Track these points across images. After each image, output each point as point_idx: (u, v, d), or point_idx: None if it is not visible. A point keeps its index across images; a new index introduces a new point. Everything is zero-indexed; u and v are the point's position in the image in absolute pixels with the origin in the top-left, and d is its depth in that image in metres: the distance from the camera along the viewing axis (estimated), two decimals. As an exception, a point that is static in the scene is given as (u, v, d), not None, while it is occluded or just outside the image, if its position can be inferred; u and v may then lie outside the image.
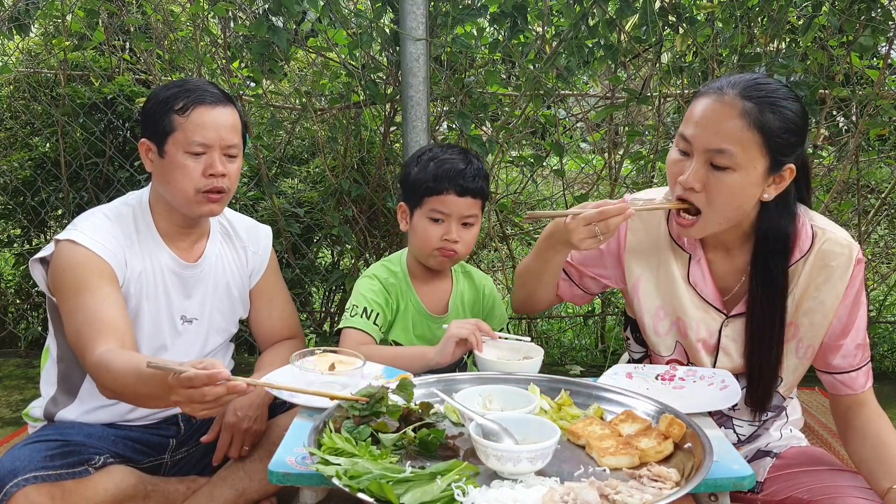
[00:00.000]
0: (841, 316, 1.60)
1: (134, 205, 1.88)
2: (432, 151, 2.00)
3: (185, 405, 1.34)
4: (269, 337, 2.09)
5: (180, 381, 1.31)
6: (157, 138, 1.79)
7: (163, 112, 1.77)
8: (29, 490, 1.53)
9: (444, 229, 1.94)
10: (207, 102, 1.77)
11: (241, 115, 1.86)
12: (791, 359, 1.65)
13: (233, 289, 1.99)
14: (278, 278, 2.12)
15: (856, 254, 1.58)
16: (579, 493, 1.14)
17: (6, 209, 3.69)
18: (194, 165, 1.76)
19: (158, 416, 1.92)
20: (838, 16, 2.70)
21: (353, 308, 1.98)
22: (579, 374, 3.44)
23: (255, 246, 2.04)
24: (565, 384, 1.61)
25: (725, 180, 1.48)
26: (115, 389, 1.56)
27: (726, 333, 1.67)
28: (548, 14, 2.90)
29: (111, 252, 1.75)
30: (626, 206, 1.56)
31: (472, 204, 1.95)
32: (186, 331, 1.91)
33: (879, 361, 3.61)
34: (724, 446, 1.36)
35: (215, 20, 3.22)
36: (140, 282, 1.82)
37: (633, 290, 1.75)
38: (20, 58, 3.73)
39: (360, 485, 1.14)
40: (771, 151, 1.47)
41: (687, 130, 1.52)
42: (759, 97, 1.46)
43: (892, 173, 3.59)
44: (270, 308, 2.07)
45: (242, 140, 1.86)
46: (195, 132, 1.75)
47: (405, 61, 2.72)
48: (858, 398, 1.64)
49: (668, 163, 1.59)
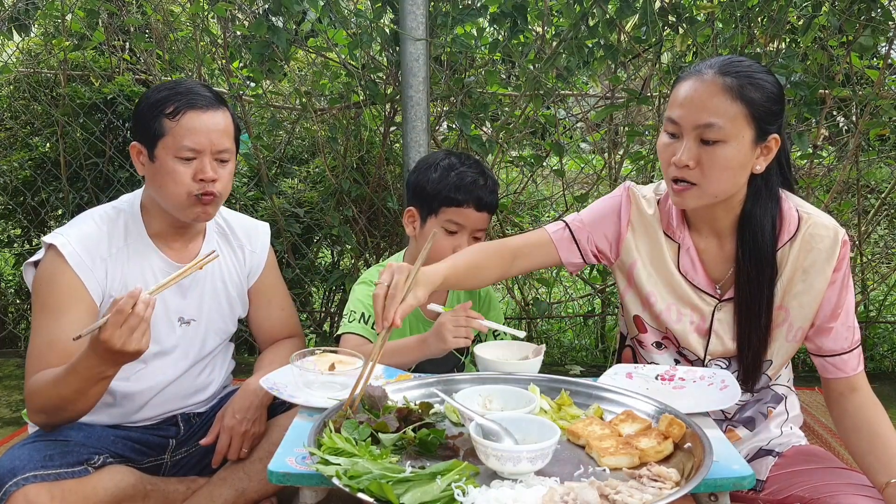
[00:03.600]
0: (830, 298, 1.64)
1: (125, 209, 1.87)
2: (449, 160, 2.00)
3: (130, 340, 1.48)
4: (268, 336, 2.09)
5: (114, 320, 1.47)
6: (147, 142, 1.77)
7: (154, 115, 1.75)
8: (28, 489, 1.53)
9: (456, 241, 1.96)
10: (199, 106, 1.75)
11: (234, 116, 1.85)
12: (781, 341, 1.69)
13: (230, 289, 1.99)
14: (277, 277, 2.11)
15: (841, 236, 1.62)
16: (579, 493, 1.14)
17: (6, 209, 3.69)
18: (184, 170, 1.75)
19: (158, 418, 1.92)
20: (838, 16, 2.70)
21: (351, 314, 1.99)
22: (579, 374, 3.44)
23: (252, 245, 2.03)
24: (565, 384, 1.61)
25: (717, 153, 1.54)
26: (45, 409, 1.65)
27: (718, 317, 1.71)
28: (548, 14, 2.91)
29: (89, 267, 1.75)
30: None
31: (486, 219, 1.99)
32: (185, 332, 1.90)
33: (879, 361, 3.61)
34: (724, 446, 1.36)
35: (215, 20, 3.22)
36: (128, 288, 1.78)
37: (628, 271, 1.79)
38: (20, 58, 3.73)
39: (360, 485, 1.14)
40: (755, 120, 1.53)
41: (674, 113, 1.58)
42: (737, 72, 1.54)
43: (892, 173, 3.59)
44: (270, 307, 2.07)
45: (235, 143, 1.84)
46: (185, 137, 1.73)
47: (405, 61, 2.72)
48: (850, 382, 1.66)
49: (659, 148, 1.63)
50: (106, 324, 1.48)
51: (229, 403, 1.84)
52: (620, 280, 1.83)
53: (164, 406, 1.92)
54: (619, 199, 1.79)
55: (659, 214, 1.76)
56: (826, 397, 1.73)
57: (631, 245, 1.78)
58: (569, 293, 3.90)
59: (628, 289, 1.81)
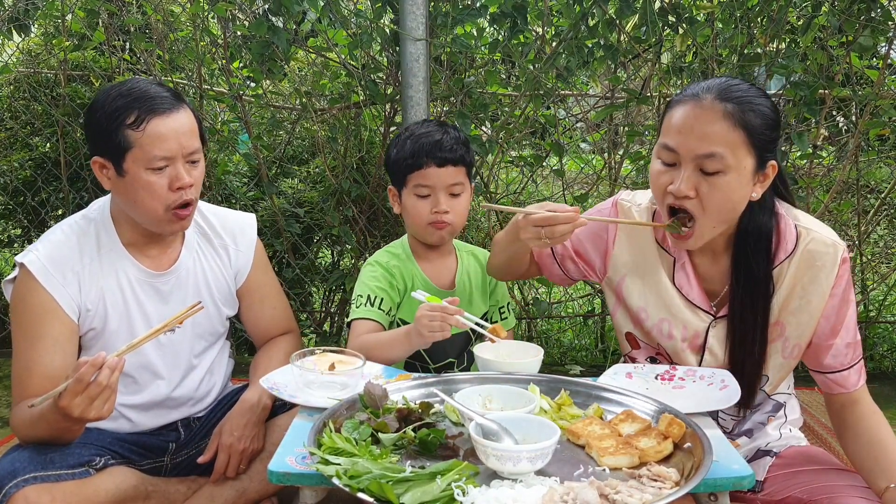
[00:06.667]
0: (829, 315, 1.61)
1: (95, 217, 1.80)
2: (409, 130, 2.01)
3: (90, 408, 1.44)
4: (263, 334, 2.05)
5: (73, 388, 1.42)
6: (112, 156, 1.67)
7: (114, 127, 1.64)
8: (28, 491, 1.52)
9: (432, 203, 1.95)
10: (162, 111, 1.65)
11: (194, 111, 1.75)
12: (777, 358, 1.66)
13: (215, 291, 1.92)
14: (267, 273, 2.04)
15: (841, 253, 1.59)
16: (579, 493, 1.14)
17: (6, 209, 3.69)
18: (159, 181, 1.67)
19: (158, 425, 1.90)
20: (838, 16, 2.70)
21: (358, 299, 1.97)
22: (579, 374, 3.44)
23: (237, 244, 1.96)
24: (565, 384, 1.61)
25: (718, 183, 1.49)
26: (29, 441, 1.64)
27: (713, 334, 1.68)
28: (548, 14, 2.90)
29: (60, 283, 1.71)
30: (575, 215, 1.57)
31: (454, 172, 1.95)
32: (170, 340, 1.85)
33: (879, 361, 3.61)
34: (724, 446, 1.36)
35: (215, 20, 3.22)
36: (105, 300, 1.77)
37: (616, 288, 1.76)
38: (20, 58, 3.73)
39: (360, 485, 1.15)
40: (756, 149, 1.49)
41: (670, 140, 1.52)
42: (736, 98, 1.48)
43: (892, 173, 3.59)
44: (262, 305, 2.01)
45: (201, 138, 1.76)
46: (155, 147, 1.64)
47: (405, 61, 2.72)
48: (851, 396, 1.65)
49: (653, 175, 1.58)
50: (65, 390, 1.43)
51: (227, 419, 1.80)
52: (609, 298, 1.81)
53: (165, 417, 1.90)
54: (607, 214, 1.76)
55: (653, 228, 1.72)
56: (828, 409, 1.71)
57: (618, 260, 1.75)
58: (568, 293, 3.89)
59: (618, 306, 1.79)
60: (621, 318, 1.80)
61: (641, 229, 1.73)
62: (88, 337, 1.79)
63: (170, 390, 1.88)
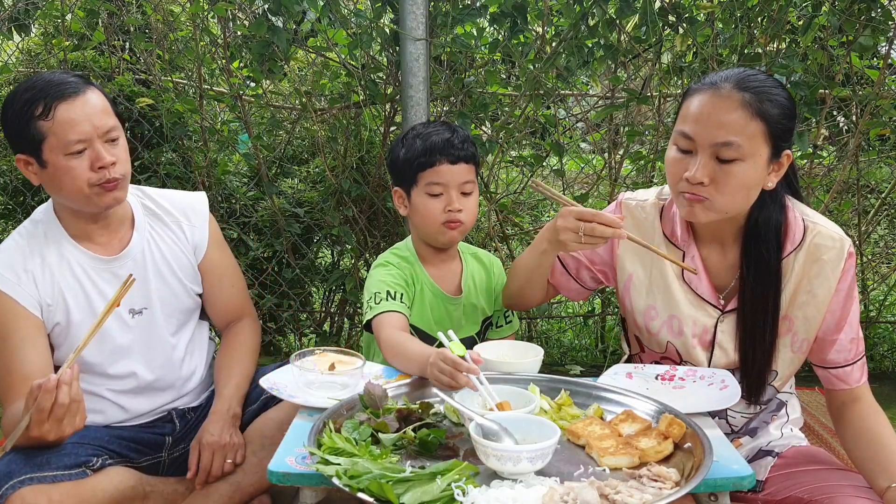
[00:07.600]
0: (834, 310, 1.62)
1: (41, 219, 1.84)
2: (415, 130, 2.00)
3: (62, 428, 1.48)
4: (222, 316, 2.05)
5: (37, 419, 1.46)
6: (31, 150, 1.69)
7: (25, 122, 1.66)
8: (25, 492, 1.52)
9: (445, 201, 1.93)
10: (67, 95, 1.66)
11: (104, 91, 1.76)
12: (786, 352, 1.67)
13: (176, 268, 1.93)
14: (224, 252, 2.04)
15: (847, 247, 1.60)
16: (579, 493, 1.14)
17: (6, 209, 3.68)
18: (80, 164, 1.68)
19: (152, 414, 1.92)
20: (838, 16, 2.70)
21: (376, 296, 1.91)
22: (579, 374, 3.44)
23: (190, 219, 1.96)
24: (565, 384, 1.61)
25: (734, 171, 1.50)
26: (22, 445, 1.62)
27: (722, 329, 1.68)
28: (548, 14, 2.90)
29: (16, 283, 1.74)
30: (619, 223, 1.57)
31: (466, 170, 1.94)
32: (139, 323, 1.87)
33: (879, 361, 3.61)
34: (724, 446, 1.36)
35: (215, 20, 3.22)
36: (64, 293, 1.79)
37: (623, 288, 1.77)
38: (20, 58, 3.73)
39: (360, 485, 1.15)
40: (772, 138, 1.50)
41: (687, 128, 1.53)
42: (754, 87, 1.50)
43: (892, 173, 3.59)
44: (221, 286, 2.01)
45: (118, 117, 1.76)
46: (68, 132, 1.65)
47: (405, 61, 2.72)
48: (853, 393, 1.65)
49: (668, 162, 1.59)
50: (31, 422, 1.47)
51: (202, 429, 1.81)
52: (621, 303, 1.82)
53: (155, 399, 1.92)
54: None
55: (660, 220, 1.73)
56: (828, 405, 1.72)
57: (624, 259, 1.76)
58: (569, 293, 3.89)
59: (629, 313, 1.79)
60: (632, 324, 1.80)
61: (645, 226, 1.73)
62: (56, 333, 1.81)
63: (151, 371, 1.89)
